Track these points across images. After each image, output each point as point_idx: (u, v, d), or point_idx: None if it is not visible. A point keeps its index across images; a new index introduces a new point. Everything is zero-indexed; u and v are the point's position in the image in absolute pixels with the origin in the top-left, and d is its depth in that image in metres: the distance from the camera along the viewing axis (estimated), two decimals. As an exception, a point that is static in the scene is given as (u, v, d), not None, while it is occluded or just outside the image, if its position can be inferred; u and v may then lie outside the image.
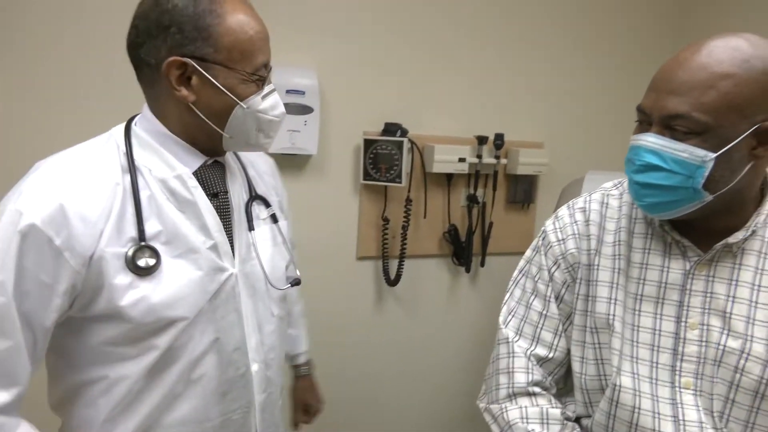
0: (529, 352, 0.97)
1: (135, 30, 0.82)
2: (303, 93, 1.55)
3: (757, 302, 0.82)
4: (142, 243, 0.79)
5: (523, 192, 1.88)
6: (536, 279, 1.00)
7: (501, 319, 1.01)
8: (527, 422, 0.92)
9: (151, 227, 0.80)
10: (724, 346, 0.83)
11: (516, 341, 0.98)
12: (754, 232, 0.84)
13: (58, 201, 0.74)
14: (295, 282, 1.02)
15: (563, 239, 0.98)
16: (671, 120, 0.79)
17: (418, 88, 1.72)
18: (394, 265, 1.74)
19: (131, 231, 0.79)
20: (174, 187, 0.83)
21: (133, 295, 0.77)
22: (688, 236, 0.87)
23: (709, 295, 0.85)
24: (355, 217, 1.72)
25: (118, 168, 0.81)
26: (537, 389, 0.95)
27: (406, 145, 1.64)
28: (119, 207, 0.78)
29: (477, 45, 1.76)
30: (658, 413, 0.86)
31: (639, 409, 0.86)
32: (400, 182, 1.65)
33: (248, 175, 0.98)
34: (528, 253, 1.05)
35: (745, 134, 0.76)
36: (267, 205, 0.99)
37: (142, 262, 0.78)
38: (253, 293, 0.91)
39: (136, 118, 0.88)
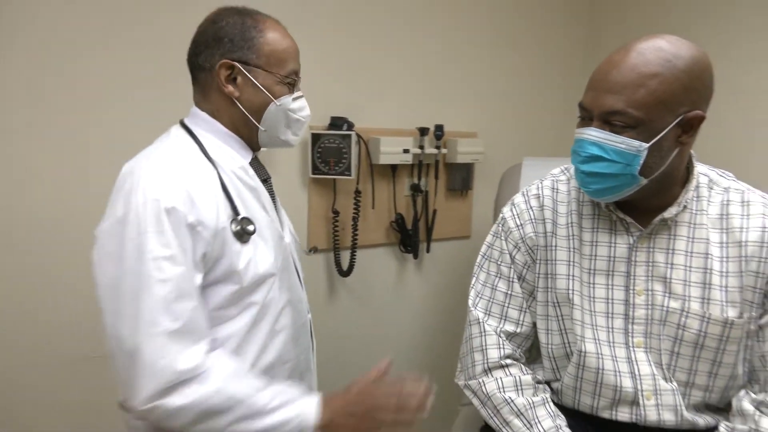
0: (498, 329, 1.06)
1: (194, 44, 1.02)
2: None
3: (691, 266, 0.96)
4: (239, 216, 0.97)
5: (461, 180, 1.98)
6: (499, 262, 1.09)
7: (470, 302, 1.10)
8: (504, 391, 1.02)
9: (240, 207, 0.99)
10: (667, 307, 0.96)
11: (486, 321, 1.06)
12: (684, 206, 0.97)
13: (183, 187, 0.91)
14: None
15: (521, 224, 1.07)
16: (609, 116, 0.89)
17: (361, 82, 1.76)
18: (345, 256, 1.78)
19: (228, 209, 0.97)
20: (241, 176, 1.02)
21: (243, 258, 0.96)
22: (630, 214, 0.99)
23: (651, 264, 0.98)
24: (304, 211, 1.74)
25: (205, 163, 0.98)
26: (509, 361, 1.05)
27: (354, 139, 1.68)
28: (219, 190, 0.97)
29: (417, 39, 1.83)
30: (619, 371, 0.98)
31: (602, 369, 0.98)
32: (350, 175, 1.68)
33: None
34: (489, 238, 1.13)
35: (672, 125, 0.89)
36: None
37: (250, 228, 0.98)
38: (297, 258, 1.15)
39: (187, 121, 1.05)
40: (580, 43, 2.18)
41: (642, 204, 0.98)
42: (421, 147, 1.83)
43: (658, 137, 0.89)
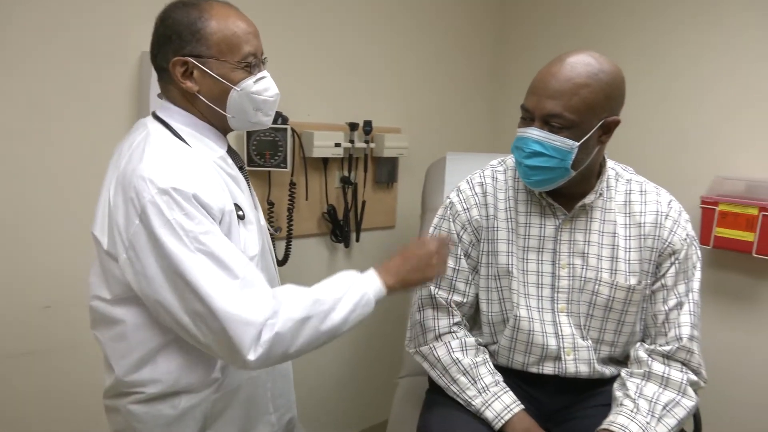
0: (449, 300, 1.19)
1: (152, 45, 1.03)
2: (185, 81, 1.53)
3: (602, 243, 1.15)
4: (233, 202, 1.02)
5: (387, 173, 2.10)
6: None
7: None
8: (453, 352, 1.16)
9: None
10: (584, 277, 1.15)
11: (437, 293, 1.19)
12: (600, 194, 1.17)
13: (192, 173, 0.95)
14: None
15: (468, 208, 1.22)
16: (549, 117, 1.05)
17: (294, 77, 1.81)
18: (280, 246, 1.82)
19: (228, 194, 1.01)
20: (222, 165, 1.05)
21: (242, 241, 1.02)
22: (557, 201, 1.17)
23: (572, 242, 1.16)
24: (239, 203, 1.76)
25: (192, 154, 1.00)
26: (456, 328, 1.19)
27: (289, 132, 1.73)
28: (217, 177, 1.01)
29: (347, 37, 1.91)
30: (545, 332, 1.15)
31: (533, 331, 1.15)
32: (285, 167, 1.73)
33: None
34: (435, 221, 1.27)
35: (596, 127, 1.07)
36: None
37: (241, 213, 1.04)
38: (269, 243, 1.21)
39: (161, 114, 1.04)
40: (491, 46, 2.39)
41: (567, 192, 1.15)
42: (351, 141, 1.92)
43: (586, 137, 1.06)
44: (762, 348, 1.71)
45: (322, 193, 1.94)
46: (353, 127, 1.93)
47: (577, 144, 1.06)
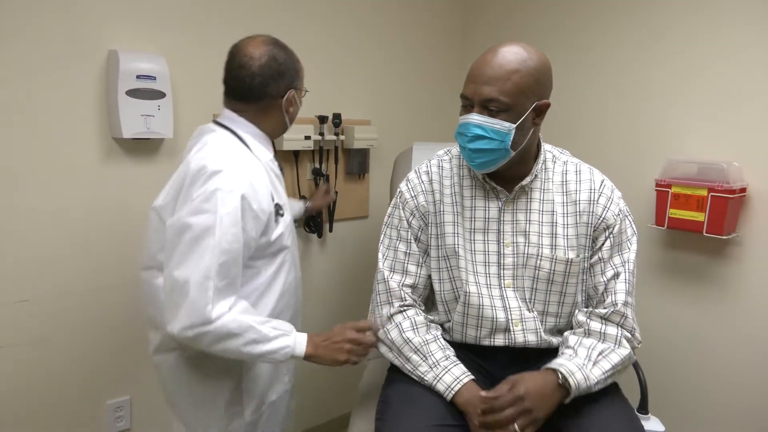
0: (401, 283, 1.27)
1: (260, 77, 1.28)
2: (154, 78, 1.59)
3: (542, 221, 1.23)
4: (275, 202, 1.28)
5: (358, 164, 2.17)
6: (398, 228, 1.30)
7: (379, 263, 1.30)
8: (404, 332, 1.23)
9: (274, 193, 1.30)
10: (527, 254, 1.22)
11: (391, 277, 1.27)
12: (536, 176, 1.24)
13: (248, 180, 1.21)
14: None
15: (415, 195, 1.29)
16: (487, 102, 1.13)
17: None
18: (254, 237, 1.88)
19: (272, 195, 1.28)
20: (272, 167, 1.35)
21: (275, 233, 1.28)
22: (498, 184, 1.24)
23: (515, 222, 1.24)
24: (212, 197, 1.82)
25: (254, 159, 1.28)
26: (407, 308, 1.26)
27: (258, 126, 1.79)
28: (267, 181, 1.28)
29: (316, 31, 1.97)
30: (494, 306, 1.22)
31: (482, 306, 1.22)
32: (256, 160, 1.79)
33: None
34: (389, 209, 1.34)
35: (529, 110, 1.14)
36: None
37: (281, 212, 1.31)
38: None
39: (226, 123, 1.32)
40: (456, 38, 2.46)
41: (507, 175, 1.23)
42: (321, 134, 1.98)
43: (521, 119, 1.14)
44: (713, 323, 1.79)
45: (294, 185, 2.00)
46: (323, 120, 1.99)
47: (513, 126, 1.13)
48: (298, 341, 1.23)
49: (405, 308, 1.26)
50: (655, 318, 1.89)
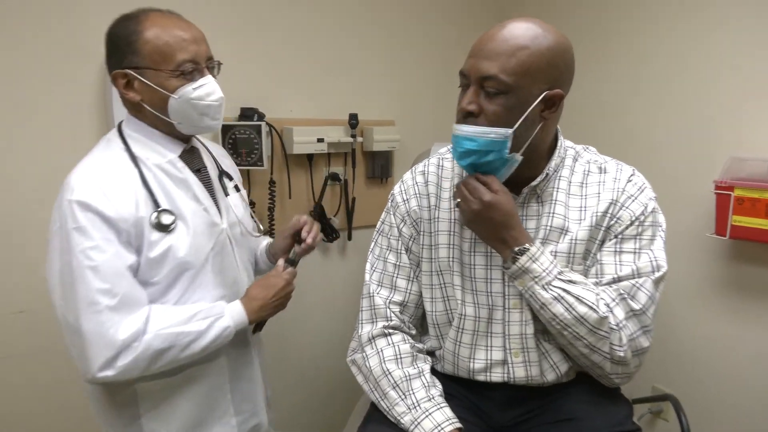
0: (388, 300, 1.10)
1: (105, 60, 1.08)
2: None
3: (555, 229, 1.03)
4: (159, 209, 1.06)
5: (380, 167, 2.02)
6: (389, 236, 1.14)
7: (366, 275, 1.14)
8: (384, 362, 1.05)
9: (160, 199, 1.07)
10: None
11: (378, 292, 1.10)
12: (547, 175, 1.04)
13: (99, 187, 1.01)
14: (266, 231, 1.60)
15: (407, 199, 1.12)
16: (484, 80, 0.95)
17: (272, 72, 1.77)
18: (264, 246, 1.78)
19: (150, 202, 1.06)
20: (168, 170, 1.11)
21: (161, 247, 1.05)
22: (505, 185, 1.05)
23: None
24: (220, 203, 1.74)
25: (128, 161, 1.08)
26: (392, 331, 1.09)
27: (264, 129, 1.69)
28: (139, 186, 1.06)
29: (328, 28, 1.85)
30: (492, 332, 1.04)
31: (477, 332, 1.04)
32: (262, 165, 1.70)
33: (213, 156, 1.27)
34: (382, 215, 1.18)
35: (537, 100, 0.95)
36: (230, 178, 1.28)
37: (166, 220, 1.06)
38: (237, 244, 1.23)
39: (122, 124, 1.13)
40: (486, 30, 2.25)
41: (513, 177, 1.04)
42: (337, 136, 1.86)
43: (524, 113, 0.95)
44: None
45: (309, 191, 1.88)
46: (339, 121, 1.86)
47: (510, 131, 0.95)
48: (235, 316, 1.13)
49: (390, 331, 1.09)
50: (713, 344, 1.62)
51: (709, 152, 1.59)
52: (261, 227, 1.40)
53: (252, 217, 1.36)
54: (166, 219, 1.07)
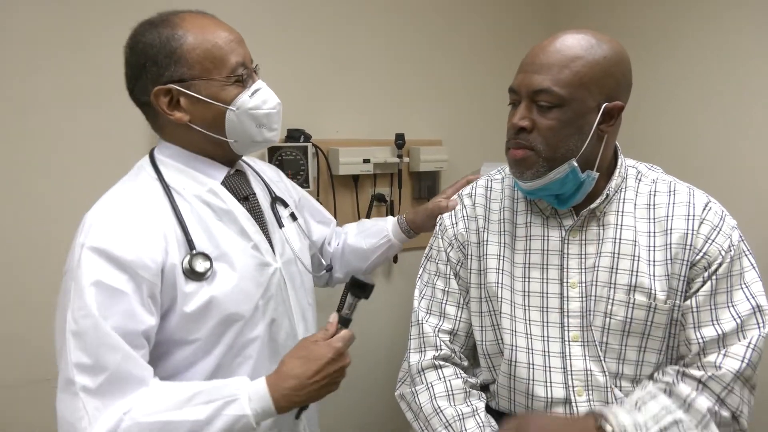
0: (437, 329, 1.04)
1: (126, 78, 0.91)
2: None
3: (619, 253, 0.95)
4: (194, 251, 0.87)
5: (427, 188, 1.97)
6: (437, 261, 1.08)
7: (415, 302, 1.09)
8: (435, 399, 0.99)
9: (198, 239, 0.89)
10: (596, 296, 0.94)
11: (427, 320, 1.05)
12: (607, 195, 0.96)
13: (120, 231, 0.83)
14: (328, 268, 1.26)
15: (455, 222, 1.07)
16: (536, 95, 0.90)
17: (317, 93, 1.76)
18: (309, 268, 1.76)
19: (185, 244, 0.88)
20: (209, 200, 0.93)
21: (198, 300, 0.87)
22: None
23: (582, 256, 0.97)
24: (266, 225, 1.73)
25: (159, 193, 0.90)
26: (443, 362, 1.02)
27: (311, 150, 1.68)
28: (172, 226, 0.88)
29: (374, 48, 1.83)
30: (550, 367, 0.95)
31: (533, 366, 0.96)
32: (308, 186, 1.68)
33: (264, 180, 1.09)
34: (431, 239, 1.14)
35: (594, 113, 0.90)
36: (285, 205, 1.09)
37: (199, 268, 0.87)
38: (293, 285, 1.02)
39: (155, 150, 0.96)
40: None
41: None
42: (384, 157, 1.83)
43: (587, 141, 0.91)
44: None
45: (354, 211, 1.85)
46: (385, 141, 1.83)
47: (575, 163, 0.92)
48: (255, 401, 0.84)
49: (440, 363, 1.03)
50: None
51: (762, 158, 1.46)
52: (324, 262, 1.19)
53: (318, 251, 1.16)
54: (199, 266, 0.87)
